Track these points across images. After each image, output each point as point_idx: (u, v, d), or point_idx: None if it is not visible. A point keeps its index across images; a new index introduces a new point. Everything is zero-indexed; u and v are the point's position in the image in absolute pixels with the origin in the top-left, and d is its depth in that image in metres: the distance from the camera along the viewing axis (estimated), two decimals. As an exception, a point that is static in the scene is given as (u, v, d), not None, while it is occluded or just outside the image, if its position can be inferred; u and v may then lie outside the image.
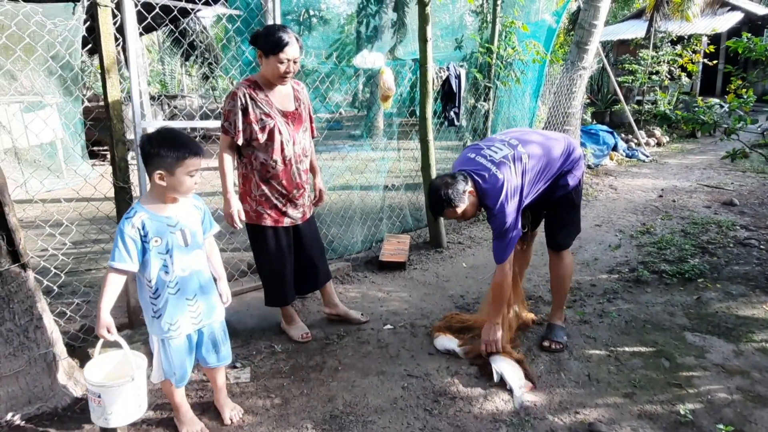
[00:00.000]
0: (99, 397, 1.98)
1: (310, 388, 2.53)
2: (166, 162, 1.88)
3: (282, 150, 2.69)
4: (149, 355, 2.17)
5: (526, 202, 2.65)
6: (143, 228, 1.93)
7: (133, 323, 2.95)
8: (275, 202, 2.75)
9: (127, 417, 2.05)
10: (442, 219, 4.50)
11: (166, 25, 8.07)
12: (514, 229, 2.53)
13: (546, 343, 2.85)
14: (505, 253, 2.58)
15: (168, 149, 1.88)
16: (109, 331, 1.90)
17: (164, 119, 9.55)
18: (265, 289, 2.94)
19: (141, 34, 10.63)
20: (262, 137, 2.63)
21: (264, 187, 2.72)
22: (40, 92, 7.47)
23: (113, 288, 1.92)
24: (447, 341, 2.86)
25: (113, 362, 2.16)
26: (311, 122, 2.93)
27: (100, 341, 1.99)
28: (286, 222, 2.81)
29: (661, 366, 2.68)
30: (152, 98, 10.00)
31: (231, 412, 2.32)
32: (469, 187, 2.52)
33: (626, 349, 2.85)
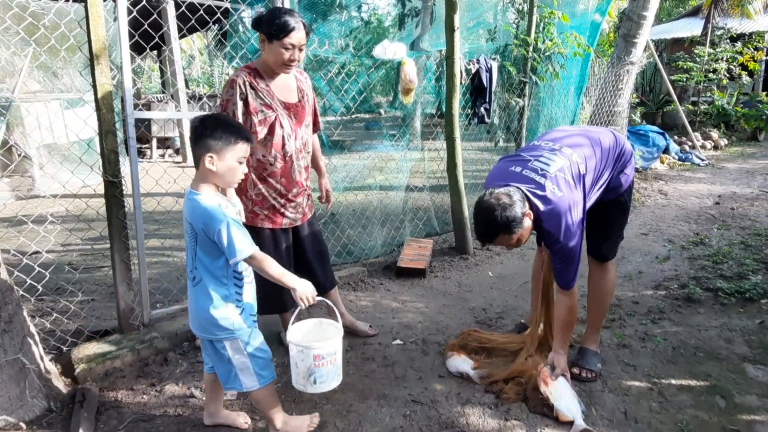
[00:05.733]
0: (335, 354, 1.95)
1: (300, 411, 2.25)
2: (218, 145, 1.80)
3: (283, 145, 2.44)
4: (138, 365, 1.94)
5: (588, 205, 2.29)
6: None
7: (123, 327, 2.75)
8: (273, 202, 2.49)
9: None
10: (468, 222, 4.14)
11: (214, 24, 8.08)
12: (579, 250, 2.19)
13: (576, 371, 2.45)
14: (574, 277, 2.24)
15: (221, 131, 1.80)
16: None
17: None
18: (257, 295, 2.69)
19: (183, 36, 10.72)
20: (261, 131, 2.39)
21: (261, 186, 2.47)
22: (80, 89, 7.59)
23: (275, 262, 1.87)
24: (461, 363, 2.51)
25: (305, 330, 2.12)
26: (316, 115, 2.67)
27: (297, 310, 1.96)
28: (285, 223, 2.55)
29: (715, 405, 2.25)
30: (192, 97, 10.09)
31: None
32: (527, 209, 2.11)
33: (672, 381, 2.43)
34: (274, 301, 2.67)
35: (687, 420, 2.16)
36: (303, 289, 1.87)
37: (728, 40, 11.69)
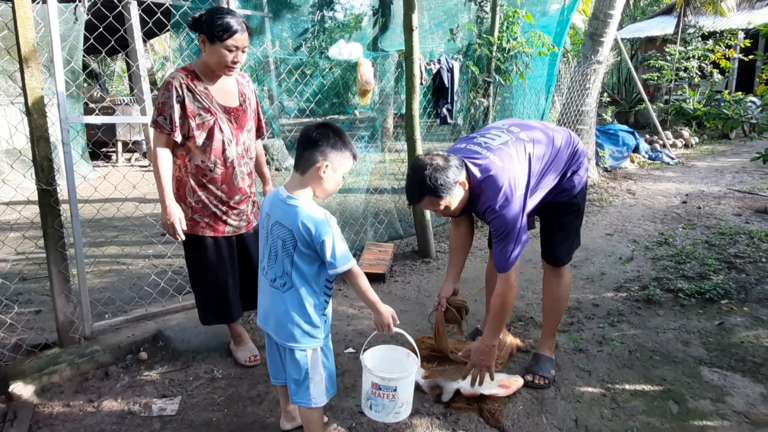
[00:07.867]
0: (394, 391, 1.83)
1: (242, 425, 2.16)
2: (336, 156, 1.75)
3: (223, 151, 2.35)
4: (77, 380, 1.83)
5: (535, 200, 2.25)
6: None
7: (63, 340, 2.64)
8: (213, 209, 2.40)
9: (410, 406, 1.92)
10: (430, 225, 4.08)
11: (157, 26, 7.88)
12: (520, 229, 2.09)
13: (529, 377, 2.40)
14: (510, 259, 2.10)
15: (341, 143, 1.76)
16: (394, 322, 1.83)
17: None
18: (200, 305, 2.59)
19: (145, 40, 10.48)
20: (199, 136, 2.30)
21: (200, 193, 2.38)
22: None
23: (366, 279, 1.82)
24: (412, 372, 2.44)
25: (378, 357, 2.00)
26: (259, 120, 2.59)
27: (373, 334, 1.94)
28: (228, 231, 2.46)
29: (668, 411, 2.22)
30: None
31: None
32: (462, 178, 2.06)
33: (626, 386, 2.39)
34: (221, 311, 2.58)
35: (638, 427, 2.11)
36: (386, 315, 1.80)
37: (700, 38, 11.81)
